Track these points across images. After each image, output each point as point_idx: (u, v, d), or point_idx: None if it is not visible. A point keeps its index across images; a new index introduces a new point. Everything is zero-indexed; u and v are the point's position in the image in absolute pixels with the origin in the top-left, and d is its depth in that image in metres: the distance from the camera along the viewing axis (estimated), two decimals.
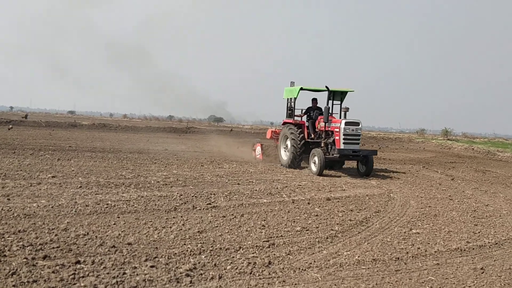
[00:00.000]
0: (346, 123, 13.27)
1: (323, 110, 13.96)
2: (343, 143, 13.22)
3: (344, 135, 13.20)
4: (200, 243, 5.47)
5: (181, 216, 6.79)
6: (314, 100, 15.34)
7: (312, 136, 14.69)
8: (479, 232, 6.92)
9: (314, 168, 13.37)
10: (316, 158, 13.27)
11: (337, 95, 14.81)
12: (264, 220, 6.89)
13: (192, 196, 8.34)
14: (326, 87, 13.98)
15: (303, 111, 15.42)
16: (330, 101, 14.56)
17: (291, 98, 15.14)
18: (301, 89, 14.42)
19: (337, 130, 13.38)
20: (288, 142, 14.65)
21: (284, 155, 15.04)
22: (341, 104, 14.70)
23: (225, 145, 22.95)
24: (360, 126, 13.50)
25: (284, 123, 15.36)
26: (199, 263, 4.79)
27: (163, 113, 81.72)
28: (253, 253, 5.24)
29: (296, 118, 15.18)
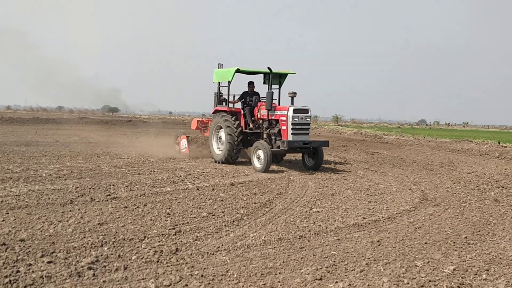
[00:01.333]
0: (295, 111, 11.37)
1: (265, 96, 12.05)
2: (292, 133, 11.35)
3: (292, 124, 11.31)
4: (102, 235, 5.20)
5: (79, 209, 6.40)
6: (251, 84, 13.17)
7: (250, 125, 12.66)
8: (373, 208, 7.40)
9: (258, 164, 11.36)
10: (260, 152, 11.27)
11: (276, 78, 12.89)
12: (169, 208, 6.74)
13: (90, 188, 7.90)
14: (269, 68, 12.05)
15: (235, 97, 13.43)
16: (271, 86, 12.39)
17: (220, 82, 13.26)
18: (237, 70, 12.26)
19: (284, 118, 11.46)
20: (222, 134, 12.58)
21: (217, 149, 12.89)
22: (279, 89, 13.21)
23: (123, 136, 22.16)
24: (309, 113, 11.74)
25: (216, 111, 13.18)
26: (101, 255, 4.54)
27: (52, 104, 76.23)
28: (159, 242, 5.09)
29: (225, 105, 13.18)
